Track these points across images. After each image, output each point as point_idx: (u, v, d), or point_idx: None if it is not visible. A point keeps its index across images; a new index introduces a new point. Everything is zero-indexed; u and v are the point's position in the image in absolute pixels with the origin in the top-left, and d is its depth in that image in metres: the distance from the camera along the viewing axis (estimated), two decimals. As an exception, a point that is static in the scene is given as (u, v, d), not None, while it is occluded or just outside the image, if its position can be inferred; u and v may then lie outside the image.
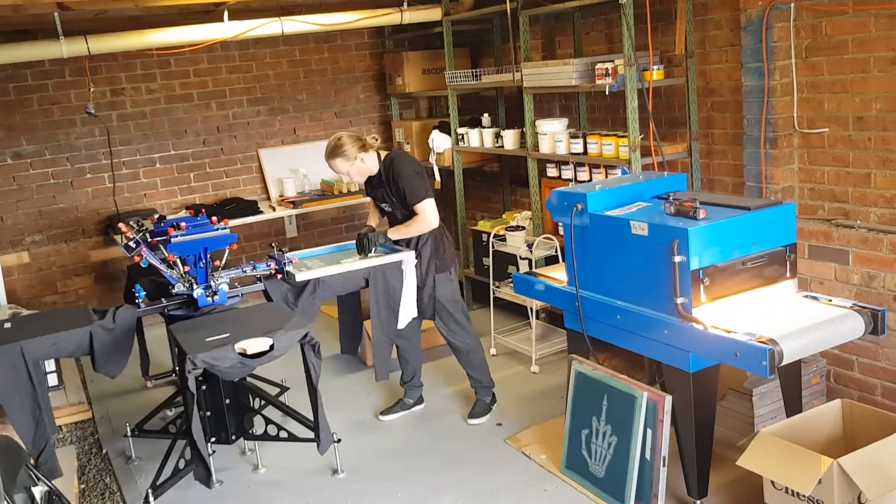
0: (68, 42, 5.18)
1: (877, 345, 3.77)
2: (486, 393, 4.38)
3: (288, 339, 3.35)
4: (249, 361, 3.26)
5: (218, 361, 3.21)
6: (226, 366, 3.24)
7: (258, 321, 3.55)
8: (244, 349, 3.25)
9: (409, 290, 4.13)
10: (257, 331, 3.36)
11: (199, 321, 3.71)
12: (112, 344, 3.63)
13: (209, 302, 3.85)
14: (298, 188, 6.57)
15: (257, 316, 3.69)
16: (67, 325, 3.60)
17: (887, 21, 3.54)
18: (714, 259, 3.08)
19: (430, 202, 4.05)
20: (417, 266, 4.14)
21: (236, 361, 3.23)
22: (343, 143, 4.07)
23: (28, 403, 3.44)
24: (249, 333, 3.33)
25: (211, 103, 6.49)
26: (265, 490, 3.80)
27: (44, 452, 3.48)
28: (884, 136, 3.66)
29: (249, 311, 3.85)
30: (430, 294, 4.19)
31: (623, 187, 3.61)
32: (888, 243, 3.65)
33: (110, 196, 6.20)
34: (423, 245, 4.14)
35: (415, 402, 4.53)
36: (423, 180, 4.09)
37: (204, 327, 3.54)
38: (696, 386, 3.12)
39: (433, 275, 4.16)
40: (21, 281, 6.05)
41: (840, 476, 2.83)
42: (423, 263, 4.14)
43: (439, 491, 3.66)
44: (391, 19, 5.99)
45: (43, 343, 3.48)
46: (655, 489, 3.21)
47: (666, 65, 4.59)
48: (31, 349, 3.43)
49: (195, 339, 3.34)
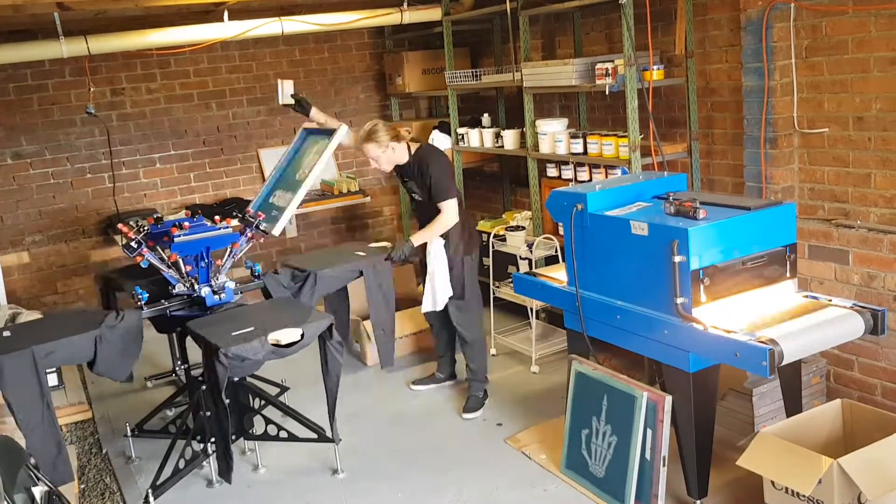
0: (68, 42, 5.18)
1: (877, 345, 3.77)
2: (480, 387, 4.44)
3: (315, 328, 3.45)
4: (282, 351, 3.33)
5: (251, 353, 3.28)
6: (259, 357, 3.32)
7: (279, 314, 3.63)
8: (277, 340, 3.32)
9: (441, 272, 4.25)
10: (281, 323, 3.43)
11: (213, 318, 3.72)
12: (120, 348, 3.60)
13: (217, 300, 3.86)
14: (298, 188, 6.57)
15: (273, 310, 3.76)
16: (75, 329, 3.55)
17: (887, 21, 3.54)
18: (714, 259, 3.08)
19: (452, 202, 4.18)
20: (446, 247, 4.24)
21: (269, 352, 3.30)
22: (378, 129, 4.18)
23: (39, 410, 3.39)
24: (275, 325, 3.41)
25: (211, 103, 6.50)
26: (265, 490, 3.80)
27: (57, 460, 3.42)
28: (884, 136, 3.66)
29: (260, 306, 3.90)
30: (460, 273, 4.30)
31: (623, 187, 3.61)
32: (888, 243, 3.65)
33: (110, 196, 6.20)
34: (452, 228, 4.24)
35: (446, 376, 4.72)
36: (450, 180, 4.25)
37: (222, 323, 3.58)
38: (696, 386, 3.12)
39: (461, 256, 4.28)
40: (21, 281, 6.05)
41: (840, 476, 2.83)
42: (452, 246, 4.26)
43: (439, 491, 3.66)
44: (391, 19, 5.99)
45: (53, 348, 3.43)
46: (655, 489, 3.21)
47: (666, 65, 4.59)
48: (41, 355, 3.38)
49: (220, 334, 3.39)
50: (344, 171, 6.95)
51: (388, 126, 4.23)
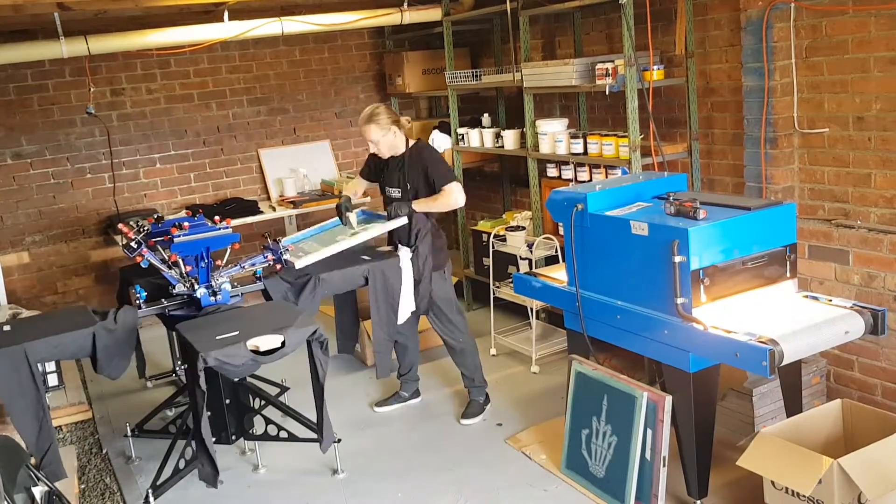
0: (68, 42, 5.18)
1: (877, 345, 3.77)
2: (479, 392, 4.40)
3: (298, 335, 3.37)
4: (261, 358, 3.27)
5: (230, 359, 3.22)
6: (237, 363, 3.24)
7: (266, 318, 3.57)
8: (256, 346, 3.26)
9: (406, 286, 4.16)
10: (266, 328, 3.37)
11: (205, 320, 3.71)
12: (114, 346, 3.62)
13: (212, 301, 3.85)
14: (298, 188, 6.57)
15: (264, 314, 3.70)
16: (70, 326, 3.58)
17: (887, 21, 3.54)
18: (714, 259, 3.08)
19: (458, 185, 4.17)
20: (414, 261, 4.17)
21: (248, 359, 3.24)
22: (380, 112, 4.17)
23: (32, 406, 3.42)
24: (259, 331, 3.34)
25: (211, 103, 6.50)
26: (265, 490, 3.80)
27: (48, 454, 3.47)
28: (884, 136, 3.66)
29: (255, 309, 3.85)
30: (426, 288, 4.22)
31: (623, 187, 3.61)
32: (888, 243, 3.65)
33: (110, 196, 6.20)
34: (422, 240, 4.17)
35: (410, 395, 4.59)
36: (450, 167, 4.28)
37: (211, 326, 3.55)
38: (696, 386, 3.12)
39: (429, 271, 4.20)
40: (21, 281, 6.05)
41: (840, 476, 2.83)
42: (420, 259, 4.17)
43: (439, 491, 3.66)
44: (391, 19, 5.99)
45: (46, 345, 3.46)
46: (655, 489, 3.21)
47: (666, 65, 4.59)
48: (34, 351, 3.41)
49: (205, 338, 3.35)
50: (344, 172, 6.94)
51: (391, 111, 4.23)
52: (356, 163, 7.05)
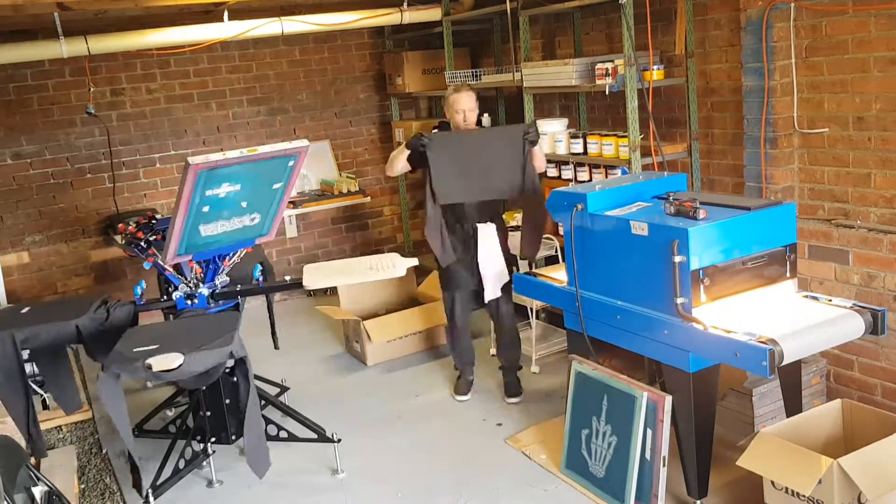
0: (68, 42, 5.18)
1: (877, 345, 3.77)
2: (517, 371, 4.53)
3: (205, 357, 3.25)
4: (163, 375, 3.19)
5: (128, 375, 3.24)
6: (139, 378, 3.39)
7: (196, 333, 3.45)
8: (151, 365, 3.17)
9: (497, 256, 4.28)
10: (189, 344, 3.28)
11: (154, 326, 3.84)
12: (106, 338, 3.62)
13: (188, 305, 3.87)
14: (298, 188, 6.57)
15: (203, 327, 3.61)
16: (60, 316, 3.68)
17: (887, 21, 3.54)
18: (714, 259, 3.08)
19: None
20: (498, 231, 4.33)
21: (150, 375, 3.19)
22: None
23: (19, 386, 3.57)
24: (176, 346, 3.24)
25: (211, 103, 6.50)
26: (265, 490, 3.80)
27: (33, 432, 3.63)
28: (884, 136, 3.66)
29: (204, 319, 3.79)
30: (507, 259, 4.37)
31: (623, 187, 3.61)
32: (888, 243, 3.65)
33: (110, 196, 6.20)
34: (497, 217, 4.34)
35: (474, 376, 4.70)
36: None
37: (149, 333, 3.54)
38: (696, 386, 3.12)
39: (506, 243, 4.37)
40: (21, 281, 6.05)
41: (840, 476, 2.83)
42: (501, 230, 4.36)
43: (439, 491, 3.65)
44: (391, 19, 6.00)
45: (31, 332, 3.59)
46: (655, 489, 3.21)
47: (666, 65, 4.59)
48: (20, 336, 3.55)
49: (125, 348, 3.31)
50: (344, 172, 6.94)
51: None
52: (356, 163, 7.06)
